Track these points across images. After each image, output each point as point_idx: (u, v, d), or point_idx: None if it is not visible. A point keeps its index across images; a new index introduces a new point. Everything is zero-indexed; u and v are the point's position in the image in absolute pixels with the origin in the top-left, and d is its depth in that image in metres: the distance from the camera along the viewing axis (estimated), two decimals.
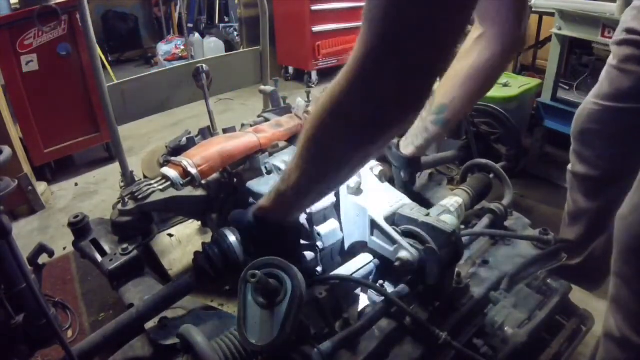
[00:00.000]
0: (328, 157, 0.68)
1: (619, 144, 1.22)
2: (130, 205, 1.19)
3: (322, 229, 1.09)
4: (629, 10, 1.15)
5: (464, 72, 1.09)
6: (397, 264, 0.88)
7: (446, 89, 1.14)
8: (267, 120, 1.53)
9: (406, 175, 1.27)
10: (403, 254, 0.88)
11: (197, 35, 5.20)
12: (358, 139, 0.63)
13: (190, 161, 1.19)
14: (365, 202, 1.02)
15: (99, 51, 1.88)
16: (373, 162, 1.13)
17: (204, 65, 1.87)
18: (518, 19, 0.99)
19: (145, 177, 1.53)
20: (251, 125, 1.48)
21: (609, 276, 0.83)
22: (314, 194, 0.80)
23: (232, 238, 0.99)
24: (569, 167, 1.40)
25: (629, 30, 1.13)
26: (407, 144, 1.27)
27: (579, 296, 1.17)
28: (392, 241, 0.92)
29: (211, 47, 5.06)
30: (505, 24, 1.00)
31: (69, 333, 1.63)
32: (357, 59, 0.55)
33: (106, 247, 1.22)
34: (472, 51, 1.07)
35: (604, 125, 1.24)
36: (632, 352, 0.78)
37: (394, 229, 0.94)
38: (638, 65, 1.12)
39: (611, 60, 1.21)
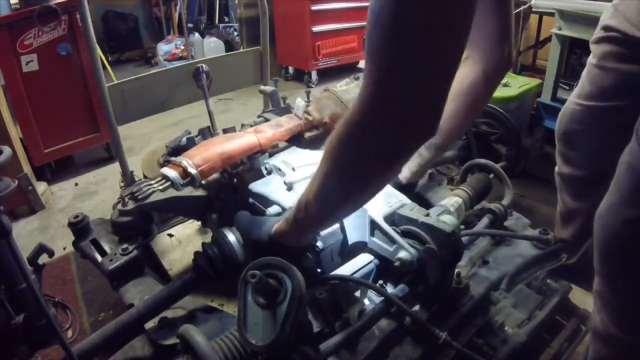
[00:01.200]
0: (347, 188, 0.70)
1: (602, 144, 1.21)
2: (130, 205, 1.19)
3: None
4: (608, 8, 1.14)
5: (450, 97, 1.11)
6: (397, 264, 0.88)
7: None
8: (267, 120, 1.53)
9: None
10: (403, 254, 0.88)
11: (197, 35, 5.20)
12: (375, 167, 0.65)
13: (190, 161, 1.19)
14: None
15: (99, 51, 1.88)
16: None
17: (204, 65, 1.87)
18: (501, 43, 1.01)
19: (145, 177, 1.53)
20: (251, 125, 1.48)
21: None
22: (331, 221, 0.86)
23: (232, 238, 0.99)
24: (556, 168, 1.40)
25: (606, 28, 1.12)
26: (403, 169, 1.28)
27: (578, 296, 1.17)
28: (392, 241, 0.92)
29: (211, 47, 5.06)
30: (488, 48, 1.02)
31: (69, 333, 1.63)
32: (365, 95, 0.57)
33: (106, 247, 1.22)
34: (457, 75, 1.09)
35: (586, 125, 1.23)
36: (618, 348, 0.79)
37: (393, 229, 0.94)
38: (617, 62, 1.11)
39: (591, 59, 1.20)
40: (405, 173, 1.28)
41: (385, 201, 1.01)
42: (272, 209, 1.10)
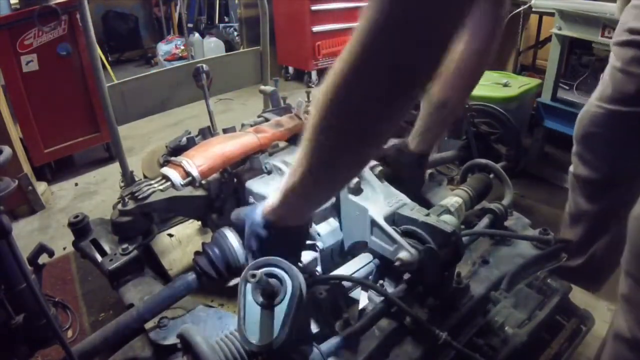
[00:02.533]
0: (343, 133, 0.62)
1: (622, 148, 1.21)
2: (130, 205, 1.19)
3: (322, 229, 1.09)
4: (629, 9, 1.12)
5: (452, 69, 1.11)
6: (397, 264, 0.88)
7: (441, 86, 1.15)
8: (267, 120, 1.52)
9: (418, 175, 1.24)
10: (403, 254, 0.88)
11: (197, 35, 5.20)
12: (375, 110, 0.58)
13: (190, 161, 1.19)
14: (365, 202, 1.02)
15: (99, 51, 1.88)
16: (373, 162, 1.13)
17: (204, 65, 1.86)
18: (494, 15, 1.00)
19: (145, 177, 1.53)
20: (251, 125, 1.48)
21: (611, 277, 0.82)
22: (327, 185, 0.73)
23: (232, 238, 0.99)
24: (571, 168, 1.39)
25: (632, 31, 1.10)
26: (416, 142, 1.24)
27: (579, 296, 1.17)
28: (392, 241, 0.92)
29: (211, 47, 5.06)
30: (480, 19, 1.01)
31: (69, 333, 1.63)
32: (364, 33, 0.52)
33: (106, 247, 1.22)
34: (455, 47, 1.08)
35: (607, 129, 1.22)
36: None
37: (393, 228, 0.94)
38: None
39: (614, 62, 1.18)
40: (420, 146, 1.23)
41: (386, 201, 1.01)
42: None
